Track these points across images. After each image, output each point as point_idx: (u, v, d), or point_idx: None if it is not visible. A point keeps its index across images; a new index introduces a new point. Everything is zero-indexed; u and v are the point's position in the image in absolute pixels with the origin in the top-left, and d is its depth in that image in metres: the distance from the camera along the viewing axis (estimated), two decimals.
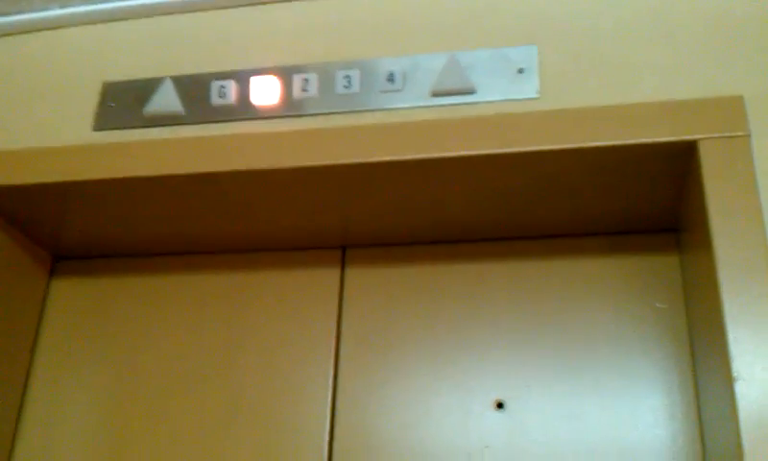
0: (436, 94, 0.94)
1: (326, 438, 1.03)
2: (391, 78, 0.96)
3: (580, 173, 0.91)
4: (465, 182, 0.95)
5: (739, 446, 0.73)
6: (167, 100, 1.02)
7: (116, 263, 1.20)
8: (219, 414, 1.07)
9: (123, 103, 1.04)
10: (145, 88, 1.04)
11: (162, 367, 1.12)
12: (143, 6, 1.09)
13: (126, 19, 1.10)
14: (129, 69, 1.07)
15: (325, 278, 1.12)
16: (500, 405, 1.00)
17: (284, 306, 1.12)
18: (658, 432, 0.95)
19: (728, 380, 0.76)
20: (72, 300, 1.20)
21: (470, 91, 0.93)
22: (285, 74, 1.00)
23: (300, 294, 1.12)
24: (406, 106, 0.95)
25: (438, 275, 1.09)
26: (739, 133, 0.84)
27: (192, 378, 1.10)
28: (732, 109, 0.85)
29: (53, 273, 1.22)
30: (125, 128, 1.03)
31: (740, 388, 0.74)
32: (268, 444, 1.04)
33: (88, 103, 1.06)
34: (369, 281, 1.11)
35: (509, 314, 1.04)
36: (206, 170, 0.97)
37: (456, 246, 1.09)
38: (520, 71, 0.93)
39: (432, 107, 0.94)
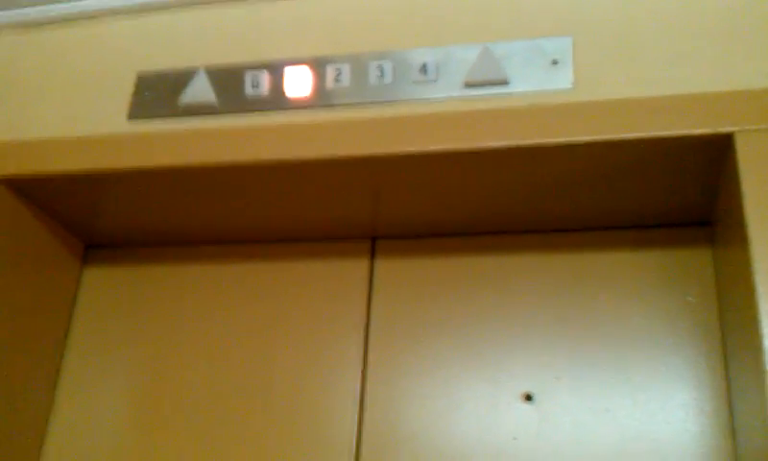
0: (469, 85, 0.94)
1: (355, 428, 1.03)
2: (424, 69, 0.96)
3: (613, 165, 0.91)
4: (496, 174, 0.95)
5: None
6: (201, 90, 1.03)
7: (148, 252, 1.22)
8: (248, 403, 1.08)
9: (157, 93, 1.05)
10: (179, 79, 1.04)
11: (193, 355, 1.13)
12: None
13: (160, 10, 1.11)
14: (163, 60, 1.07)
15: (355, 268, 1.12)
16: (529, 398, 1.00)
17: (314, 297, 1.12)
18: (688, 427, 0.94)
19: (761, 375, 0.75)
20: (104, 288, 1.21)
21: (504, 82, 0.93)
22: (318, 65, 1.00)
23: (330, 284, 1.12)
24: (439, 97, 0.95)
25: (467, 267, 1.09)
26: None
27: (221, 368, 1.11)
28: None
29: (85, 261, 1.23)
30: (159, 117, 1.04)
31: None
32: (297, 432, 1.05)
33: (123, 93, 1.07)
34: (398, 273, 1.11)
35: (538, 307, 1.04)
36: (239, 160, 0.97)
37: (486, 238, 1.09)
38: (554, 62, 0.92)
39: (465, 98, 0.94)
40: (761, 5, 0.90)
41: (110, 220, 1.16)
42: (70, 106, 1.09)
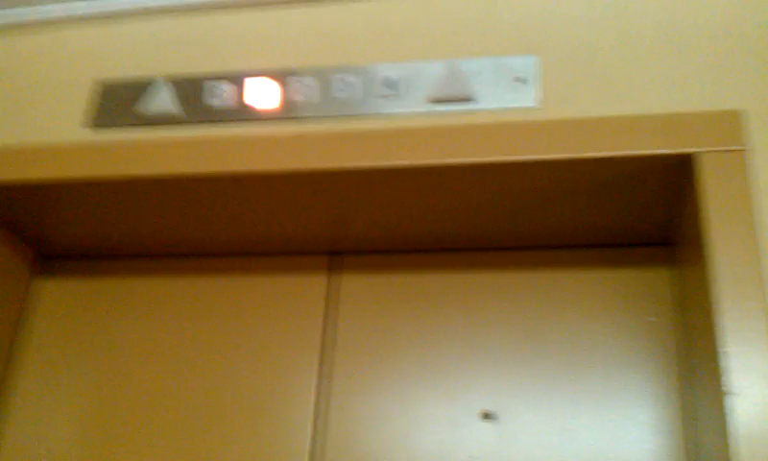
0: (434, 101, 0.94)
1: (308, 445, 1.02)
2: (389, 83, 0.96)
3: (576, 184, 0.91)
4: (459, 191, 0.95)
5: (728, 459, 0.73)
6: (162, 100, 1.01)
7: (102, 263, 1.19)
8: (203, 418, 1.06)
9: (117, 102, 1.03)
10: (140, 88, 1.03)
11: (147, 369, 1.11)
12: (140, 6, 1.08)
13: (122, 18, 1.09)
14: (124, 68, 1.06)
15: (314, 283, 1.11)
16: (488, 416, 1.00)
17: (272, 312, 1.11)
18: (646, 446, 0.95)
19: (719, 395, 0.76)
20: (57, 299, 1.18)
21: (469, 99, 0.93)
22: (283, 77, 0.99)
23: (289, 299, 1.11)
24: (404, 112, 0.95)
25: (429, 284, 1.09)
26: (736, 148, 0.84)
27: (176, 382, 1.09)
28: (729, 123, 0.85)
29: (37, 271, 1.20)
30: (118, 127, 1.02)
31: (732, 402, 0.74)
32: (252, 448, 1.03)
33: (82, 101, 1.05)
34: (359, 288, 1.10)
35: (499, 324, 1.04)
36: (200, 171, 0.96)
37: (448, 255, 1.09)
38: (520, 80, 0.93)
39: (430, 113, 0.94)
40: (725, 30, 0.91)
41: (64, 230, 1.14)
42: (25, 112, 1.06)
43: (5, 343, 1.14)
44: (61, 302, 1.18)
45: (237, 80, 1.01)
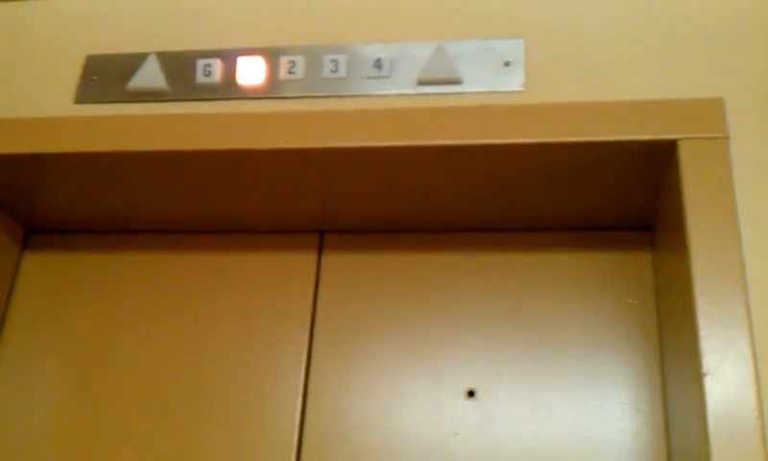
0: (422, 83, 0.95)
1: (297, 421, 1.03)
2: (378, 64, 0.96)
3: (560, 167, 0.93)
4: (446, 172, 0.96)
5: (706, 440, 0.74)
6: (151, 76, 1.01)
7: (90, 238, 1.19)
8: (189, 394, 1.07)
9: (106, 77, 1.03)
10: (129, 63, 1.03)
11: (132, 345, 1.11)
12: None
13: None
14: (113, 43, 1.06)
15: (303, 262, 1.12)
16: (471, 393, 1.01)
17: (260, 289, 1.11)
18: (624, 425, 0.96)
19: (697, 376, 0.78)
20: (44, 273, 1.18)
21: (457, 81, 0.94)
22: (271, 55, 1.00)
23: (277, 277, 1.12)
24: (392, 93, 0.95)
25: (413, 263, 1.10)
26: (718, 135, 0.85)
27: (162, 357, 1.10)
28: (711, 110, 0.87)
29: (25, 245, 1.20)
30: (107, 102, 1.02)
31: (709, 383, 0.76)
32: (239, 424, 1.04)
33: (70, 75, 1.05)
34: (345, 267, 1.11)
35: (482, 304, 1.05)
36: (187, 148, 0.96)
37: (432, 235, 1.10)
38: (507, 64, 0.94)
39: (418, 95, 0.95)
40: (710, 16, 0.92)
41: (53, 205, 1.14)
42: (14, 86, 1.06)
43: None
44: (50, 276, 1.18)
45: (229, 57, 1.01)
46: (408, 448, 1.00)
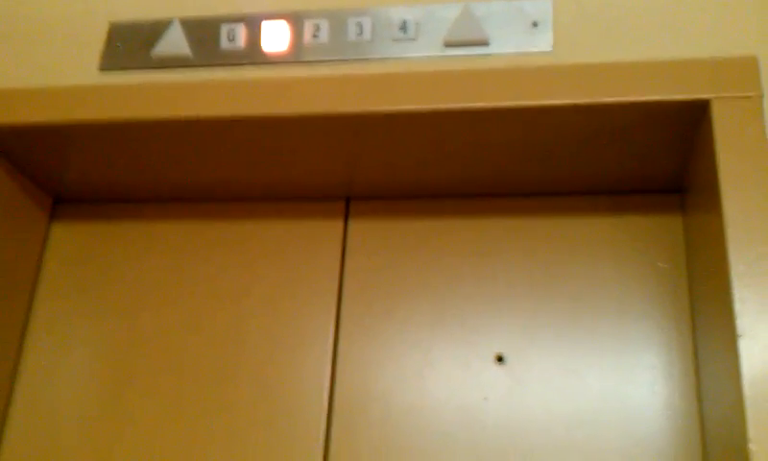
0: (449, 45, 0.94)
1: (327, 387, 1.03)
2: (403, 27, 0.95)
3: (590, 130, 0.91)
4: (473, 136, 0.95)
5: (741, 403, 0.73)
6: (175, 42, 1.01)
7: (117, 208, 1.20)
8: (220, 362, 1.07)
9: (130, 44, 1.03)
10: (153, 30, 1.02)
11: (162, 314, 1.12)
12: None
13: None
14: (137, 10, 1.05)
15: (329, 228, 1.12)
16: (500, 359, 1.01)
17: (287, 256, 1.11)
18: (655, 389, 0.96)
19: (731, 338, 0.77)
20: (72, 243, 1.19)
21: (484, 43, 0.93)
22: (296, 19, 0.99)
23: (304, 244, 1.11)
24: (418, 55, 0.94)
25: (442, 229, 1.09)
26: (752, 94, 0.84)
27: (191, 327, 1.10)
28: (745, 68, 0.85)
29: (53, 216, 1.21)
30: (131, 69, 1.02)
31: (744, 345, 0.75)
32: (269, 393, 1.05)
33: (95, 43, 1.04)
34: (372, 233, 1.11)
35: (511, 270, 1.05)
36: (213, 115, 0.96)
37: (461, 200, 1.09)
38: (534, 24, 0.92)
39: (444, 57, 0.93)
40: None
41: (79, 174, 1.14)
42: (38, 55, 1.06)
43: (25, 288, 1.15)
44: (78, 246, 1.19)
45: (253, 22, 1.00)
46: (437, 413, 1.00)
